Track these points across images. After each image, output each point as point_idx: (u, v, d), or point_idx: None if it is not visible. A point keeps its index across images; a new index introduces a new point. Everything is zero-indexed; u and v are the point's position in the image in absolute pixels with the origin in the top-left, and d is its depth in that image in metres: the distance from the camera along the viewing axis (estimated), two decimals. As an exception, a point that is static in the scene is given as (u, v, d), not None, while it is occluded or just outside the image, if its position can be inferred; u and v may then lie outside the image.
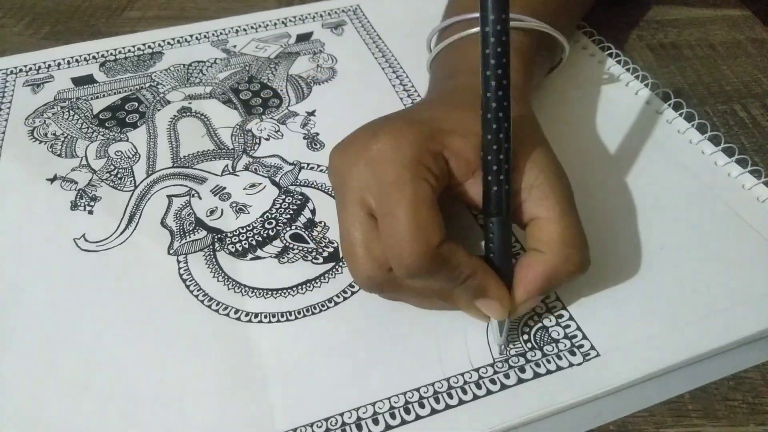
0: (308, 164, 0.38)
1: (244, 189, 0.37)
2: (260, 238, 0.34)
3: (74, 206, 0.37)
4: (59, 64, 0.47)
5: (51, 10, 0.54)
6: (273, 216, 0.35)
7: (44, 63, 0.47)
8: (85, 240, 0.35)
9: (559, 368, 0.28)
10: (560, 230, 0.27)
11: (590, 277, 0.31)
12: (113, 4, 0.55)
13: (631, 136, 0.39)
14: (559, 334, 0.29)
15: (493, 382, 0.28)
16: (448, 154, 0.28)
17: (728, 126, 0.41)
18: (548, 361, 0.28)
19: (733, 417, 0.27)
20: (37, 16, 0.54)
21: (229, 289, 0.32)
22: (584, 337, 0.29)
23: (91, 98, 0.44)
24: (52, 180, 0.38)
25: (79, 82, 0.46)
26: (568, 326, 0.29)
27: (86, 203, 0.37)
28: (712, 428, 0.27)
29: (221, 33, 0.49)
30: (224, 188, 0.37)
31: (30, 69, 0.47)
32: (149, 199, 0.37)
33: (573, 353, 0.28)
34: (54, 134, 0.41)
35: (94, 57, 0.48)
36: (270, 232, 0.35)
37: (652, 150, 0.38)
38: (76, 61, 0.47)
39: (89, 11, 0.54)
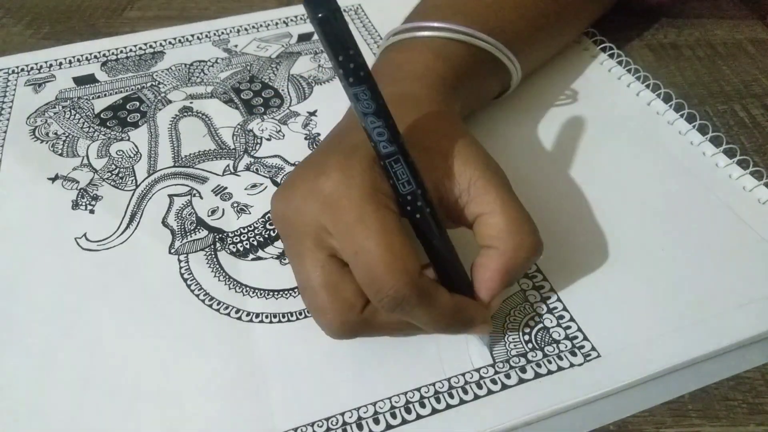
0: (309, 164, 0.38)
1: (246, 189, 0.37)
2: (261, 239, 0.34)
3: (75, 205, 0.37)
4: (60, 63, 0.47)
5: (51, 10, 0.54)
6: (274, 216, 0.35)
7: (46, 62, 0.47)
8: (87, 239, 0.35)
9: (560, 368, 0.28)
10: (505, 221, 0.27)
11: (591, 279, 0.31)
12: (113, 4, 0.55)
13: (632, 138, 0.39)
14: (560, 335, 0.29)
15: (494, 382, 0.28)
16: None
17: (728, 126, 0.40)
18: (549, 362, 0.28)
19: (733, 417, 0.27)
20: (37, 16, 0.54)
21: (230, 289, 0.32)
22: (585, 338, 0.29)
23: (93, 98, 0.44)
24: (53, 179, 0.38)
25: (80, 81, 0.46)
26: (569, 327, 0.30)
27: (87, 202, 0.37)
28: (712, 428, 0.27)
29: (222, 33, 0.49)
30: (225, 188, 0.37)
31: (32, 69, 0.47)
32: (150, 198, 0.37)
33: (574, 354, 0.28)
34: (55, 133, 0.41)
35: (95, 56, 0.48)
36: (271, 233, 0.35)
37: (653, 151, 0.38)
38: (78, 60, 0.47)
39: (89, 11, 0.54)
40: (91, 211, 0.36)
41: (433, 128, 0.29)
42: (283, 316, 0.31)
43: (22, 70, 0.47)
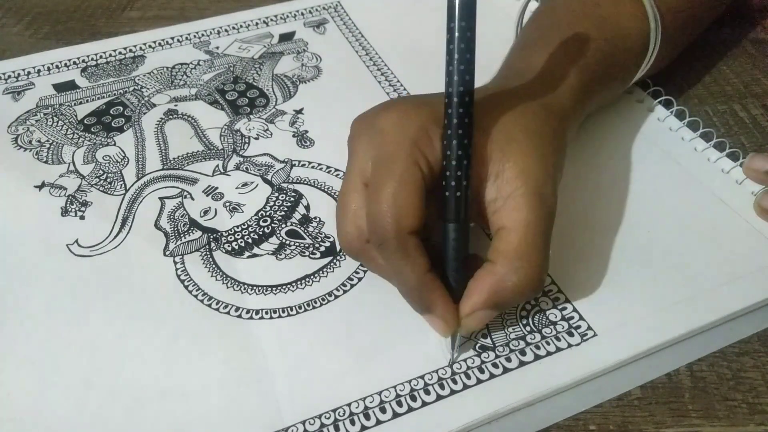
0: (299, 161, 0.39)
1: (237, 188, 0.37)
2: (256, 236, 0.34)
3: (65, 212, 0.36)
4: (39, 70, 0.47)
5: (51, 10, 0.54)
6: (267, 214, 0.36)
7: (23, 70, 0.47)
8: (78, 245, 0.34)
9: (558, 349, 0.29)
10: (517, 242, 0.26)
11: (585, 262, 0.32)
12: (113, 4, 0.54)
13: (632, 141, 0.39)
14: (556, 317, 0.30)
15: (495, 366, 0.28)
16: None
17: (728, 126, 0.40)
18: (548, 343, 0.29)
19: (733, 417, 0.27)
20: (37, 16, 0.53)
21: (228, 287, 0.32)
22: (581, 318, 0.30)
23: (75, 104, 0.44)
24: (40, 187, 0.38)
25: (60, 88, 0.45)
26: (564, 308, 0.30)
27: (77, 209, 0.36)
28: (712, 428, 0.27)
29: (203, 34, 0.49)
30: (216, 188, 0.37)
31: (9, 76, 0.46)
32: (141, 202, 0.37)
33: (571, 334, 0.29)
34: (39, 141, 0.41)
35: (74, 63, 0.47)
36: (265, 229, 0.35)
37: (649, 149, 0.38)
38: (56, 67, 0.47)
39: (89, 11, 0.54)
40: (82, 218, 0.36)
41: (519, 123, 0.28)
42: (283, 311, 0.31)
43: (0, 78, 0.46)
